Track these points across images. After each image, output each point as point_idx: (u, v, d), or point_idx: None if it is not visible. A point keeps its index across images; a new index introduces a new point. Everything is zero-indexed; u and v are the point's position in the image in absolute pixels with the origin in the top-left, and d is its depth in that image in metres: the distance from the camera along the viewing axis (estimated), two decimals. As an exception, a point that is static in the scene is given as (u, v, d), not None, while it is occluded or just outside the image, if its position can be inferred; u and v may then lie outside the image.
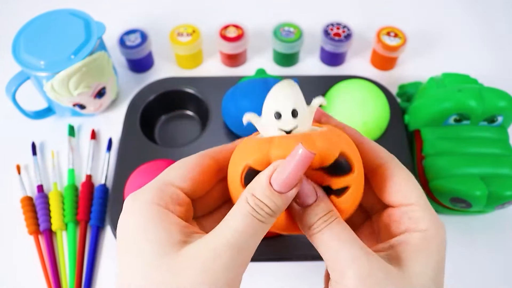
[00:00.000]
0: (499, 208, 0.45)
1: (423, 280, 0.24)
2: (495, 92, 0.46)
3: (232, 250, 0.23)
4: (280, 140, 0.25)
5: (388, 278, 0.23)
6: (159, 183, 0.26)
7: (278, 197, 0.24)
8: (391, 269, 0.24)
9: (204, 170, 0.28)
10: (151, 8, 0.69)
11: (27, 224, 0.47)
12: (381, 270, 0.23)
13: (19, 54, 0.49)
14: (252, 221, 0.24)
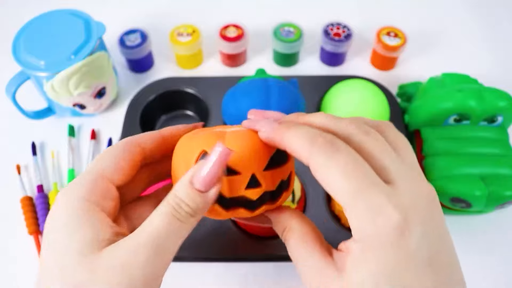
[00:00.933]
0: (499, 208, 0.45)
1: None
2: (495, 92, 0.47)
3: (149, 250, 0.23)
4: (231, 133, 0.28)
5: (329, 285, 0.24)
6: (93, 175, 0.26)
7: (198, 196, 0.24)
8: (334, 276, 0.24)
9: (133, 158, 0.28)
10: (151, 8, 0.69)
11: (27, 224, 0.47)
12: (327, 280, 0.24)
13: (19, 54, 0.49)
14: (171, 221, 0.24)
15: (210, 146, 0.26)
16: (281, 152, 0.28)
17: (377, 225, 0.22)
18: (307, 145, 0.24)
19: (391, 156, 0.25)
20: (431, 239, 0.24)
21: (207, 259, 0.44)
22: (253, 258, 0.44)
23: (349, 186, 0.22)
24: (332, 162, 0.23)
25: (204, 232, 0.45)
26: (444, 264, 0.24)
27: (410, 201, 0.23)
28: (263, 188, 0.27)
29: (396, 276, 0.23)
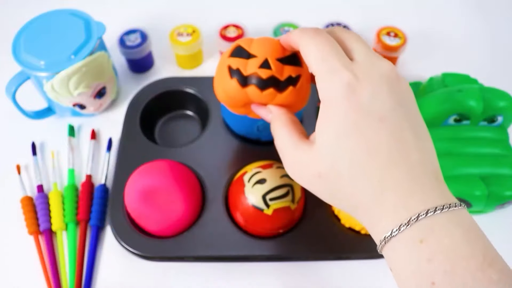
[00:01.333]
0: (499, 208, 0.45)
1: (324, 149, 0.29)
2: (495, 92, 0.47)
3: None
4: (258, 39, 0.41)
5: (304, 159, 0.31)
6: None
7: None
8: (307, 149, 0.30)
9: None
10: (151, 8, 0.69)
11: (27, 224, 0.47)
12: (302, 154, 0.31)
13: (19, 54, 0.49)
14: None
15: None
16: (296, 57, 0.37)
17: (333, 82, 0.28)
18: (298, 32, 0.32)
19: (359, 42, 0.31)
20: (383, 100, 0.28)
21: (207, 259, 0.44)
22: (253, 258, 0.44)
23: (319, 55, 0.29)
24: (313, 40, 0.30)
25: (204, 232, 0.45)
26: (397, 125, 0.28)
27: (365, 69, 0.29)
28: (273, 71, 0.36)
29: (351, 126, 0.28)
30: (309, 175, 0.30)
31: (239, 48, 0.39)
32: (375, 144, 0.27)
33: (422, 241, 0.25)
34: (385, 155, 0.27)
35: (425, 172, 0.27)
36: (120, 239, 0.44)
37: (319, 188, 0.30)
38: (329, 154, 0.29)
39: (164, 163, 0.46)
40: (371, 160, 0.27)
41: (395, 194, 0.27)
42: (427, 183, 0.27)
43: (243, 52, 0.38)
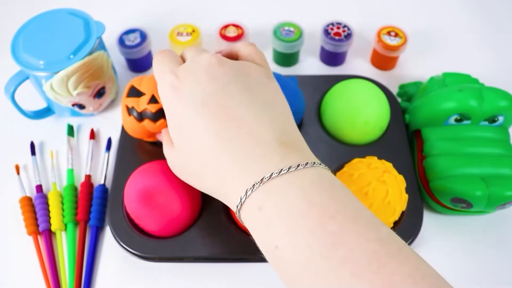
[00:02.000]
0: (500, 209, 0.45)
1: (175, 146, 0.34)
2: (496, 92, 0.46)
3: None
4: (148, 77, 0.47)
5: (170, 158, 0.37)
6: None
7: None
8: (172, 151, 0.36)
9: None
10: (150, 8, 0.69)
11: (26, 224, 0.47)
12: (170, 156, 0.37)
13: (18, 53, 0.48)
14: None
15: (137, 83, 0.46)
16: None
17: (161, 86, 0.34)
18: (156, 54, 0.37)
19: (189, 50, 0.36)
20: (203, 87, 0.31)
21: (207, 259, 0.44)
22: (253, 259, 0.44)
23: (157, 68, 0.35)
24: (155, 58, 0.36)
25: (204, 233, 0.44)
26: (221, 105, 0.30)
27: (187, 67, 0.33)
28: (160, 105, 0.43)
29: (179, 118, 0.32)
30: (176, 170, 0.36)
31: (132, 88, 0.46)
32: (201, 128, 0.30)
33: (260, 209, 0.26)
34: (212, 135, 0.29)
35: (263, 142, 0.28)
36: (119, 239, 0.44)
37: (186, 178, 0.35)
38: (178, 149, 0.33)
39: (164, 163, 0.46)
40: (203, 143, 0.30)
41: (232, 169, 0.28)
42: (267, 151, 0.27)
43: (135, 92, 0.45)
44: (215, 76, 0.31)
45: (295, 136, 0.30)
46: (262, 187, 0.26)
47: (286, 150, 0.28)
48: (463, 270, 0.45)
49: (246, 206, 0.27)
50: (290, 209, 0.25)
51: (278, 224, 0.25)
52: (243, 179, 0.27)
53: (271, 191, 0.26)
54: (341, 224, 0.24)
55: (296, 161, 0.27)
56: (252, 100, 0.30)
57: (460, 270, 0.45)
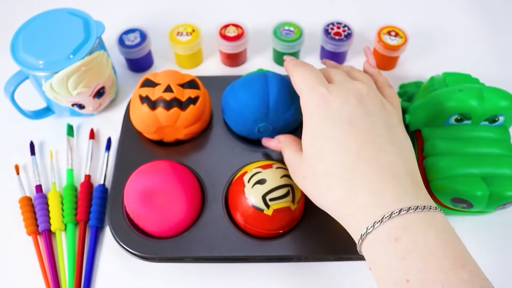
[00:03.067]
0: (500, 209, 0.45)
1: (305, 154, 0.35)
2: (496, 92, 0.46)
3: None
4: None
5: (296, 165, 0.37)
6: None
7: None
8: (299, 158, 0.37)
9: None
10: (150, 7, 0.69)
11: (26, 224, 0.47)
12: (296, 162, 0.37)
13: (17, 53, 0.48)
14: None
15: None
16: (195, 82, 0.49)
17: (310, 96, 0.35)
18: (290, 65, 0.40)
19: (339, 73, 0.37)
20: (352, 109, 0.33)
21: (207, 260, 0.44)
22: (253, 259, 0.44)
23: (301, 79, 0.37)
24: (299, 70, 0.37)
25: (204, 233, 0.44)
26: (367, 129, 0.32)
27: (338, 86, 0.35)
28: (175, 94, 0.46)
29: (323, 130, 0.33)
30: (299, 178, 0.36)
31: (146, 80, 0.48)
32: (344, 144, 0.31)
33: (397, 240, 0.26)
34: (354, 153, 0.30)
35: (398, 174, 0.29)
36: (119, 239, 0.44)
37: (305, 188, 0.35)
38: (308, 157, 0.34)
39: (163, 163, 0.46)
40: (341, 159, 0.31)
41: (366, 192, 0.28)
42: (401, 184, 0.28)
43: (150, 83, 0.48)
44: (364, 103, 0.34)
45: (420, 179, 0.32)
46: (399, 218, 0.27)
47: (417, 189, 0.29)
48: (464, 270, 0.45)
49: (379, 233, 0.27)
50: (427, 248, 0.26)
51: (415, 260, 0.26)
52: (378, 204, 0.28)
53: (409, 225, 0.27)
54: (470, 275, 0.26)
55: (427, 203, 0.28)
56: (391, 135, 0.32)
57: (461, 270, 0.45)
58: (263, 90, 0.45)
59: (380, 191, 0.28)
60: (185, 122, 0.47)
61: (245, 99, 0.45)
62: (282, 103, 0.45)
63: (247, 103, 0.45)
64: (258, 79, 0.46)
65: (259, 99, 0.45)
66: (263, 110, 0.45)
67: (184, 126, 0.48)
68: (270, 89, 0.45)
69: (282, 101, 0.45)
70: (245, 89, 0.46)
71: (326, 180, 0.32)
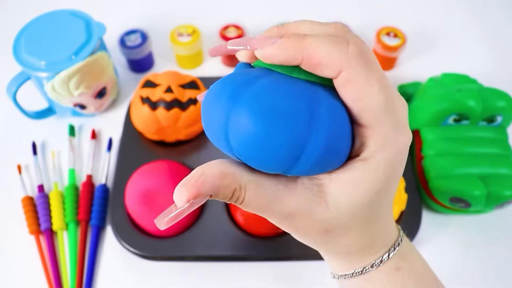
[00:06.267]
0: (498, 208, 0.45)
1: (346, 217, 0.23)
2: (494, 92, 0.47)
3: None
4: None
5: (312, 215, 0.23)
6: None
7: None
8: (316, 205, 0.23)
9: None
10: (151, 9, 0.70)
11: (28, 224, 0.47)
12: (306, 206, 0.23)
13: (20, 54, 0.49)
14: None
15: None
16: (195, 83, 0.49)
17: (398, 143, 0.22)
18: (337, 54, 0.21)
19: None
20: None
21: (207, 259, 0.44)
22: (253, 258, 0.44)
23: (385, 101, 0.21)
24: (373, 75, 0.21)
25: (204, 232, 0.45)
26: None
27: (404, 110, 0.23)
28: (175, 94, 0.47)
29: (394, 186, 0.24)
30: (315, 229, 0.24)
31: (147, 81, 0.49)
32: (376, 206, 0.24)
33: (398, 269, 0.27)
34: (384, 213, 0.26)
35: (390, 215, 0.28)
36: (120, 239, 0.44)
37: (315, 241, 0.25)
38: (348, 213, 0.23)
39: (164, 163, 0.47)
40: (378, 219, 0.25)
41: (379, 241, 0.27)
42: (393, 225, 0.28)
43: (151, 83, 0.48)
44: None
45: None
46: (399, 250, 0.28)
47: (396, 226, 0.29)
48: (462, 269, 0.45)
49: (385, 265, 0.27)
50: (421, 273, 0.28)
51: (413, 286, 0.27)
52: (384, 242, 0.28)
53: (405, 255, 0.28)
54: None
55: (398, 229, 0.29)
56: None
57: (459, 268, 0.45)
58: (303, 121, 0.20)
59: (384, 236, 0.28)
60: (185, 122, 0.48)
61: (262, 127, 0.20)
62: (331, 150, 0.21)
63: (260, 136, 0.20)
64: (301, 96, 0.21)
65: (291, 135, 0.20)
66: (288, 156, 0.20)
67: (184, 126, 0.48)
68: (317, 122, 0.20)
69: (332, 146, 0.21)
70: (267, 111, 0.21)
71: (351, 236, 0.25)
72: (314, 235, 0.24)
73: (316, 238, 0.25)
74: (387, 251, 0.27)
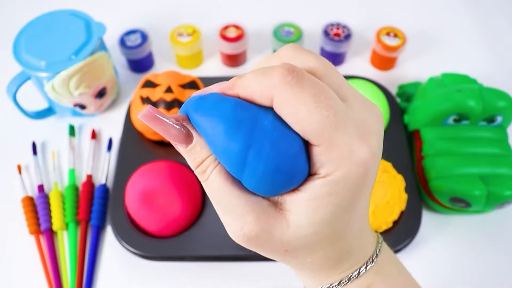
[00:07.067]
0: (498, 208, 0.45)
1: (307, 238, 0.22)
2: (494, 92, 0.47)
3: None
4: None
5: (272, 234, 0.22)
6: None
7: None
8: (274, 221, 0.22)
9: None
10: (151, 9, 0.70)
11: (28, 224, 0.47)
12: (266, 221, 0.22)
13: (20, 54, 0.49)
14: None
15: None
16: (195, 83, 0.49)
17: (356, 155, 0.21)
18: (266, 82, 0.21)
19: (340, 76, 0.24)
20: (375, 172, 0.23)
21: (207, 259, 0.44)
22: (252, 258, 0.44)
23: (326, 118, 0.21)
24: (301, 94, 0.20)
25: (204, 232, 0.45)
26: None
27: (363, 121, 0.22)
28: (175, 94, 0.47)
29: (358, 207, 0.23)
30: (275, 247, 0.23)
31: (147, 81, 0.49)
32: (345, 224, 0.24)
33: (370, 286, 0.26)
34: (352, 229, 0.25)
35: (364, 229, 0.27)
36: (120, 238, 0.44)
37: (278, 258, 0.25)
38: (309, 233, 0.22)
39: (164, 163, 0.47)
40: (346, 236, 0.24)
41: (349, 258, 0.26)
42: (371, 239, 0.27)
43: (151, 83, 0.49)
44: None
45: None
46: (373, 267, 0.27)
47: (375, 237, 0.29)
48: (462, 269, 0.46)
49: (356, 283, 0.27)
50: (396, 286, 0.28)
51: None
52: (356, 259, 0.27)
53: (381, 270, 0.27)
54: None
55: (382, 242, 0.29)
56: None
57: (459, 268, 0.45)
58: (245, 126, 0.22)
59: (361, 246, 0.27)
60: None
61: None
62: (280, 163, 0.22)
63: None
64: (249, 108, 0.22)
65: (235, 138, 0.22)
66: (236, 159, 0.22)
67: None
68: (261, 130, 0.22)
69: (281, 159, 0.22)
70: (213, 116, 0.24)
71: (317, 254, 0.24)
72: (273, 253, 0.24)
73: (276, 257, 0.24)
74: (357, 269, 0.26)
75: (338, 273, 0.26)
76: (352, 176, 0.21)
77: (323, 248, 0.24)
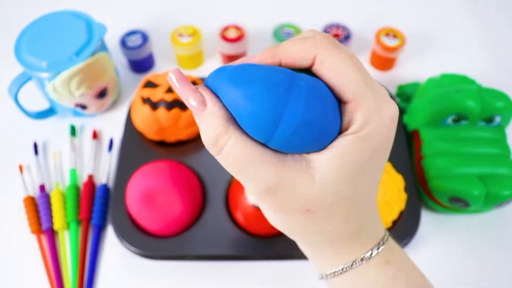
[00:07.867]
0: (497, 207, 0.46)
1: (330, 197, 0.23)
2: (492, 93, 0.47)
3: None
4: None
5: (296, 190, 0.23)
6: None
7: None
8: (299, 178, 0.23)
9: None
10: (152, 9, 0.70)
11: (30, 223, 0.47)
12: (291, 178, 0.23)
13: (21, 55, 0.49)
14: None
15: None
16: (195, 83, 0.48)
17: (382, 114, 0.23)
18: (307, 44, 0.24)
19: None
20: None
21: (208, 259, 0.44)
22: (253, 257, 0.44)
23: (361, 76, 0.23)
24: (341, 53, 0.23)
25: (205, 232, 0.45)
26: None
27: (382, 89, 0.24)
28: (176, 95, 0.47)
29: (377, 166, 0.25)
30: (294, 207, 0.24)
31: (148, 81, 0.49)
32: (367, 189, 0.25)
33: (387, 262, 0.27)
34: (369, 197, 0.26)
35: (375, 207, 0.28)
36: (121, 238, 0.45)
37: (295, 223, 0.25)
38: (333, 192, 0.23)
39: (164, 163, 0.47)
40: (364, 203, 0.26)
41: (365, 232, 0.27)
42: (376, 215, 0.29)
43: (151, 84, 0.49)
44: None
45: None
46: (387, 244, 0.28)
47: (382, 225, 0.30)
48: (461, 268, 0.46)
49: (375, 259, 0.27)
50: (408, 265, 0.29)
51: (403, 278, 0.28)
52: (372, 235, 0.28)
53: (392, 249, 0.29)
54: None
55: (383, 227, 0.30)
56: None
57: (458, 268, 0.46)
58: (282, 87, 0.23)
59: (374, 227, 0.29)
60: (186, 122, 0.48)
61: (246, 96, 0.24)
62: (313, 121, 0.23)
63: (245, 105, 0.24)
64: (283, 71, 0.24)
65: (270, 99, 0.23)
66: (268, 119, 0.23)
67: (185, 126, 0.49)
68: (296, 91, 0.23)
69: (314, 117, 0.23)
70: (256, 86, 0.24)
71: (337, 222, 0.25)
72: (294, 214, 0.24)
73: (296, 219, 0.24)
74: (376, 244, 0.27)
75: (358, 248, 0.27)
76: (378, 133, 0.23)
77: (343, 214, 0.25)
